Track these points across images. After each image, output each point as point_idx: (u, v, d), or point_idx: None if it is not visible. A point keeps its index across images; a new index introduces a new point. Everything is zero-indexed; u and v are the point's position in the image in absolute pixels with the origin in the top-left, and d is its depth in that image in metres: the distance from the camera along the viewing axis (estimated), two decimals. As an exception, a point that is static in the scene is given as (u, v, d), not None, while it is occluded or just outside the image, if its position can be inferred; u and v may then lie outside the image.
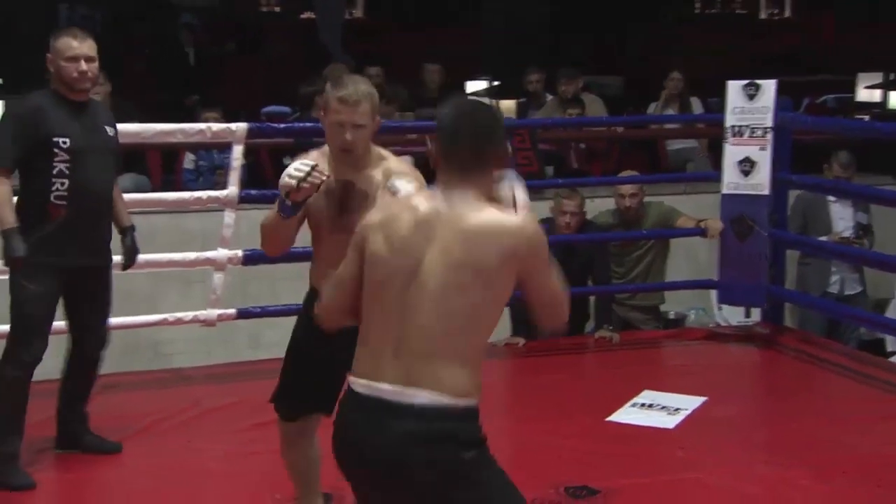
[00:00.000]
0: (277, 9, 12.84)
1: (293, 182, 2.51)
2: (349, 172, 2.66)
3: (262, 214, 2.73)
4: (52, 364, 3.47)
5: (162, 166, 6.31)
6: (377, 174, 2.65)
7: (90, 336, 3.51)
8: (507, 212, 2.08)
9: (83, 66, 3.29)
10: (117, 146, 3.50)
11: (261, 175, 5.92)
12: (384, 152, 2.74)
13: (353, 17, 12.74)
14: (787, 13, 14.05)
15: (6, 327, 3.39)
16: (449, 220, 2.03)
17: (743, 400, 4.40)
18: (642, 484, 3.35)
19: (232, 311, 4.48)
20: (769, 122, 4.90)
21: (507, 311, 5.00)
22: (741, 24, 13.71)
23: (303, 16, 12.17)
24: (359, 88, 2.64)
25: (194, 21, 9.67)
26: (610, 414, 3.94)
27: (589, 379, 4.69)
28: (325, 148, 2.72)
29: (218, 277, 4.43)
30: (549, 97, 7.36)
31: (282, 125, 5.18)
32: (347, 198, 2.64)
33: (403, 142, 5.58)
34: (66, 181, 3.25)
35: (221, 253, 4.40)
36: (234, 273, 4.58)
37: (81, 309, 3.46)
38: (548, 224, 5.05)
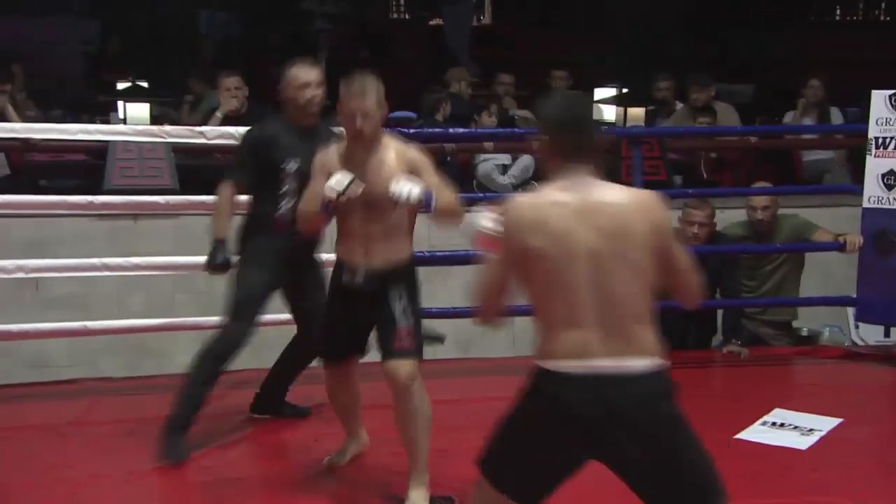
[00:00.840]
0: (407, 16, 13.01)
1: (332, 197, 2.99)
2: (362, 154, 3.09)
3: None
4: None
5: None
6: (388, 155, 3.08)
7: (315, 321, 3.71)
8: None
9: (310, 93, 3.64)
10: None
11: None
12: (391, 139, 3.16)
13: (481, 24, 12.80)
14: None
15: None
16: (598, 204, 2.24)
17: (880, 422, 4.20)
18: (773, 505, 3.23)
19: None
20: (904, 134, 4.69)
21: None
22: (885, 31, 13.15)
23: (431, 22, 12.30)
24: (366, 82, 3.09)
25: (328, 27, 9.88)
26: (739, 431, 3.82)
27: (717, 395, 4.56)
28: (344, 142, 3.14)
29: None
30: (679, 105, 7.21)
31: (410, 130, 5.23)
32: (372, 175, 3.05)
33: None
34: (292, 201, 3.54)
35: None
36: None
37: (304, 302, 3.76)
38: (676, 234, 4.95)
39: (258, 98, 6.14)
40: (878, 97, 4.80)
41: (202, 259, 3.69)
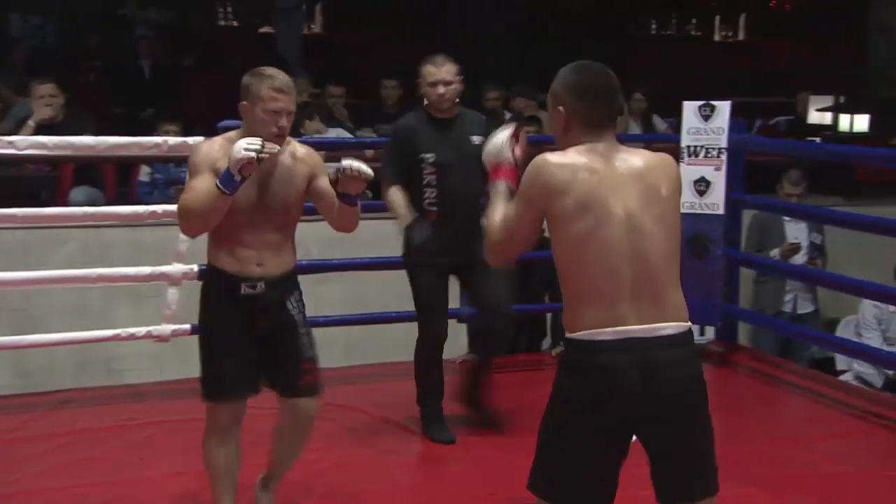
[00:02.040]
0: (235, 23, 12.77)
1: (252, 155, 2.67)
2: (269, 157, 2.83)
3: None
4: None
5: (117, 179, 6.23)
6: (287, 156, 2.93)
7: (493, 315, 3.87)
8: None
9: (441, 89, 3.75)
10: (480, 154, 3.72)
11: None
12: (292, 139, 3.02)
13: (312, 32, 12.71)
14: (741, 36, 14.30)
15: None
16: (630, 168, 2.23)
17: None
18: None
19: (186, 326, 4.42)
20: (724, 143, 4.97)
21: (464, 327, 5.01)
22: (696, 45, 13.91)
23: (261, 30, 12.12)
24: (287, 78, 2.91)
25: (150, 34, 9.58)
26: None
27: (545, 396, 4.69)
28: (230, 134, 2.89)
29: (172, 292, 4.38)
30: (508, 115, 7.40)
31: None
32: (270, 179, 2.87)
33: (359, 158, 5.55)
34: (434, 190, 3.74)
35: (176, 268, 4.35)
36: (188, 288, 4.53)
37: (478, 293, 3.88)
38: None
39: (76, 106, 5.90)
40: (689, 108, 5.07)
41: (13, 274, 3.49)
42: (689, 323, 2.25)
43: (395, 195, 3.78)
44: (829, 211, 5.60)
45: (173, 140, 4.50)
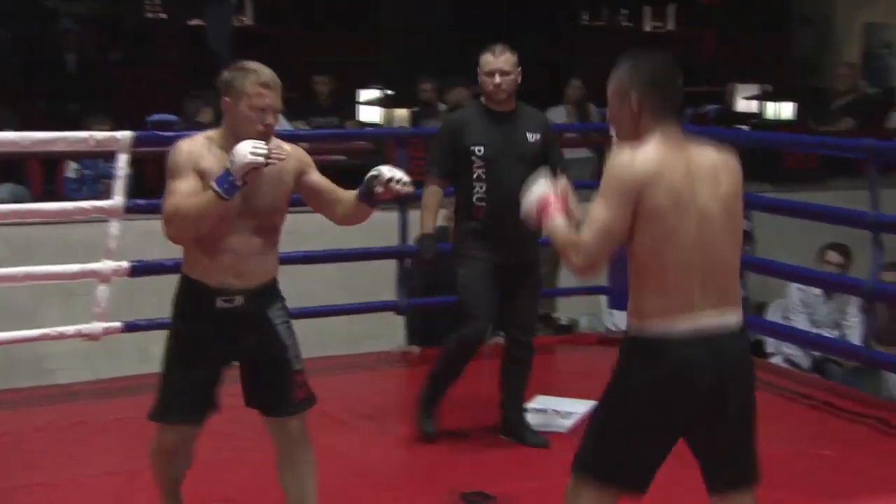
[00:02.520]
0: (164, 15, 12.54)
1: (261, 160, 2.50)
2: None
3: (148, 225, 2.67)
4: None
5: (43, 176, 6.09)
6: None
7: (515, 327, 3.81)
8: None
9: (497, 79, 3.61)
10: (540, 151, 3.67)
11: (146, 184, 5.77)
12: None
13: (243, 24, 12.55)
14: (671, 26, 14.50)
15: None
16: (702, 162, 2.26)
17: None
18: (537, 488, 3.38)
19: (118, 324, 4.35)
20: (655, 132, 5.02)
21: (401, 319, 5.01)
22: (627, 35, 14.07)
23: (191, 22, 11.93)
24: (272, 73, 2.69)
25: (74, 27, 9.36)
26: (505, 420, 3.97)
27: (483, 385, 4.71)
28: (210, 133, 2.70)
29: (102, 290, 4.30)
30: (443, 106, 7.42)
31: (169, 134, 5.06)
32: (258, 180, 2.61)
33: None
34: (484, 185, 3.62)
35: (106, 265, 4.27)
36: (119, 285, 4.45)
37: (510, 301, 3.76)
38: (443, 232, 5.08)
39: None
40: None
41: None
42: (742, 312, 2.34)
43: (429, 199, 3.72)
44: (757, 197, 5.72)
45: (100, 135, 4.41)
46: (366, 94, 7.85)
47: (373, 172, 2.70)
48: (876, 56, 10.30)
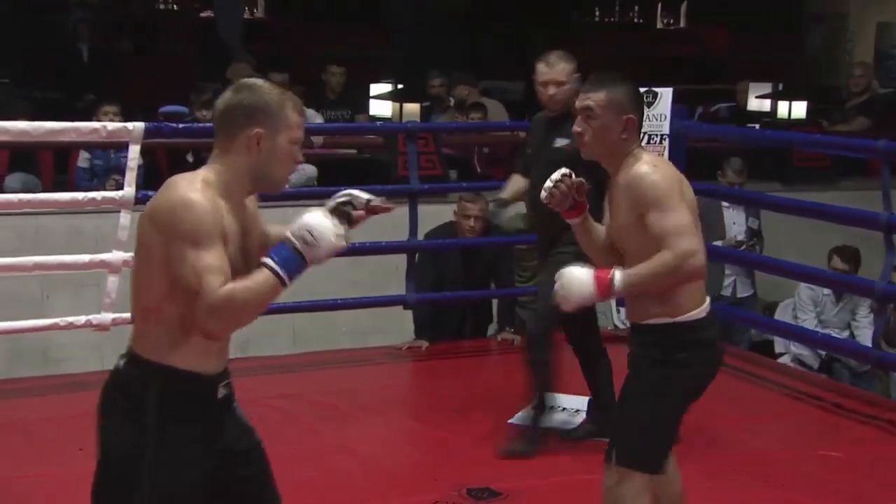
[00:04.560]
0: (175, 7, 12.56)
1: (345, 244, 1.96)
2: (249, 204, 2.10)
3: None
4: None
5: (54, 166, 6.10)
6: (250, 201, 2.13)
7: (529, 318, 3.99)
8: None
9: (552, 90, 3.66)
10: (569, 157, 3.45)
11: (157, 175, 5.78)
12: None
13: (254, 17, 12.56)
14: (682, 23, 14.45)
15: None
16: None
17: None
18: (544, 485, 3.38)
19: (127, 315, 4.34)
20: (666, 130, 5.02)
21: (409, 314, 5.01)
22: (638, 32, 14.03)
23: (202, 14, 11.94)
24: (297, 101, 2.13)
25: (88, 16, 9.37)
26: (512, 416, 3.97)
27: (491, 381, 4.72)
28: (208, 177, 2.00)
29: (112, 280, 4.30)
30: (453, 101, 7.41)
31: (179, 125, 5.07)
32: (249, 237, 2.09)
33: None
34: (528, 185, 3.77)
35: (116, 255, 4.28)
36: (129, 276, 4.45)
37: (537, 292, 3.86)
38: (451, 227, 5.08)
39: (10, 91, 5.76)
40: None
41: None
42: None
43: (511, 181, 3.94)
44: (768, 196, 5.70)
45: (112, 125, 4.42)
46: (377, 88, 7.85)
47: (341, 199, 2.09)
48: (887, 55, 10.25)
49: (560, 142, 3.67)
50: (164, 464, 1.98)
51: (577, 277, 2.43)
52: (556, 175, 2.56)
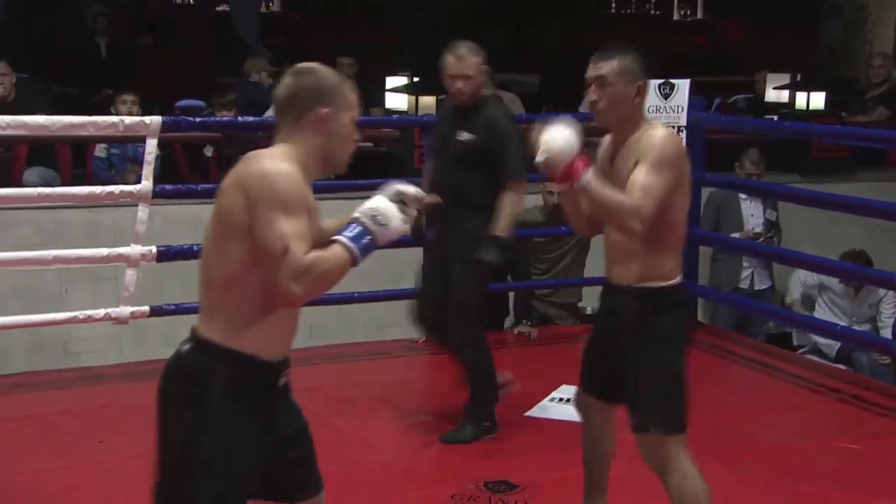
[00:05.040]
0: (192, 1, 12.62)
1: (408, 227, 2.03)
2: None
3: (176, 209, 2.65)
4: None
5: (72, 160, 6.14)
6: None
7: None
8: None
9: (458, 84, 3.64)
10: (471, 150, 3.64)
11: (175, 169, 5.80)
12: None
13: (270, 11, 12.59)
14: (699, 15, 14.39)
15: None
16: None
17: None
18: (562, 478, 3.38)
19: (145, 308, 4.38)
20: (683, 121, 4.99)
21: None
22: (655, 24, 13.98)
23: (218, 8, 11.99)
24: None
25: (105, 11, 9.42)
26: (529, 409, 3.97)
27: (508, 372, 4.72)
28: (287, 153, 2.03)
29: (130, 274, 4.32)
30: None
31: (196, 119, 5.08)
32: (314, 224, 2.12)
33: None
34: (433, 172, 3.77)
35: (135, 249, 4.30)
36: (146, 270, 4.48)
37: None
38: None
39: (31, 87, 5.80)
40: (649, 86, 5.08)
41: None
42: None
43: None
44: (785, 188, 5.67)
45: (129, 119, 4.43)
46: (392, 81, 7.84)
47: (393, 193, 2.04)
48: (905, 47, 10.16)
49: (464, 135, 3.67)
50: (223, 452, 1.98)
51: (568, 138, 2.41)
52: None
